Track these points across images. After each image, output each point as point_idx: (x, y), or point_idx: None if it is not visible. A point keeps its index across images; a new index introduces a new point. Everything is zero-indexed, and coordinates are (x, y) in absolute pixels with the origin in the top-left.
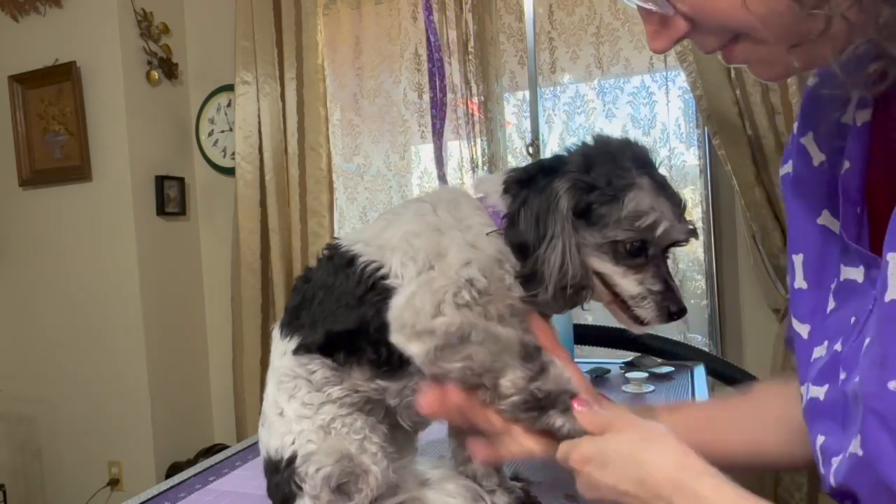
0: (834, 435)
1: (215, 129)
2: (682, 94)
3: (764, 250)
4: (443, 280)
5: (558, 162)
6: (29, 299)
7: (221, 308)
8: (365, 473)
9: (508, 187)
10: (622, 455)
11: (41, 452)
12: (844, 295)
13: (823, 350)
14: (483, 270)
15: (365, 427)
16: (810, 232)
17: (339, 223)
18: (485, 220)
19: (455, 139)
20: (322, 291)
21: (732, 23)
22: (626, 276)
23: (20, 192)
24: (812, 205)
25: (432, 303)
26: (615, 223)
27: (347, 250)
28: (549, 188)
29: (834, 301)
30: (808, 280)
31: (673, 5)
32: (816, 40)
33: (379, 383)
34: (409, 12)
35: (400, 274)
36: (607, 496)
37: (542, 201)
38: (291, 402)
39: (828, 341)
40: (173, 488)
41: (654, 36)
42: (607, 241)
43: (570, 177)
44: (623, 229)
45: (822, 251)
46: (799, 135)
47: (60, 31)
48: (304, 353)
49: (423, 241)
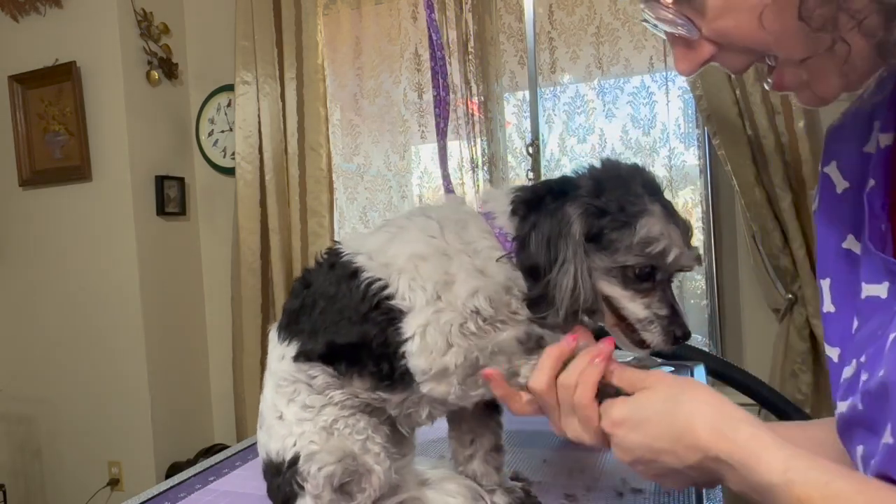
0: (869, 440)
1: (215, 129)
2: (682, 94)
3: (764, 250)
4: (449, 313)
5: (566, 184)
6: (29, 299)
7: (221, 308)
8: (368, 473)
9: (516, 208)
10: (656, 412)
11: (41, 452)
12: (867, 313)
13: (851, 370)
14: (490, 299)
15: (368, 427)
16: (836, 256)
17: (339, 223)
18: (493, 243)
19: (455, 139)
20: (323, 300)
21: (753, 43)
22: (633, 300)
23: (20, 192)
24: (837, 230)
25: (442, 339)
26: (626, 248)
27: (350, 261)
28: (560, 212)
29: (857, 321)
30: (836, 303)
31: (698, 29)
32: (825, 55)
33: (380, 395)
34: (409, 12)
35: (408, 297)
36: (644, 456)
37: (553, 225)
38: (291, 406)
39: (855, 360)
40: (173, 488)
41: (681, 59)
42: (617, 265)
43: (582, 202)
44: (634, 255)
45: (847, 273)
46: (823, 166)
47: (60, 31)
48: (305, 360)
49: (431, 268)
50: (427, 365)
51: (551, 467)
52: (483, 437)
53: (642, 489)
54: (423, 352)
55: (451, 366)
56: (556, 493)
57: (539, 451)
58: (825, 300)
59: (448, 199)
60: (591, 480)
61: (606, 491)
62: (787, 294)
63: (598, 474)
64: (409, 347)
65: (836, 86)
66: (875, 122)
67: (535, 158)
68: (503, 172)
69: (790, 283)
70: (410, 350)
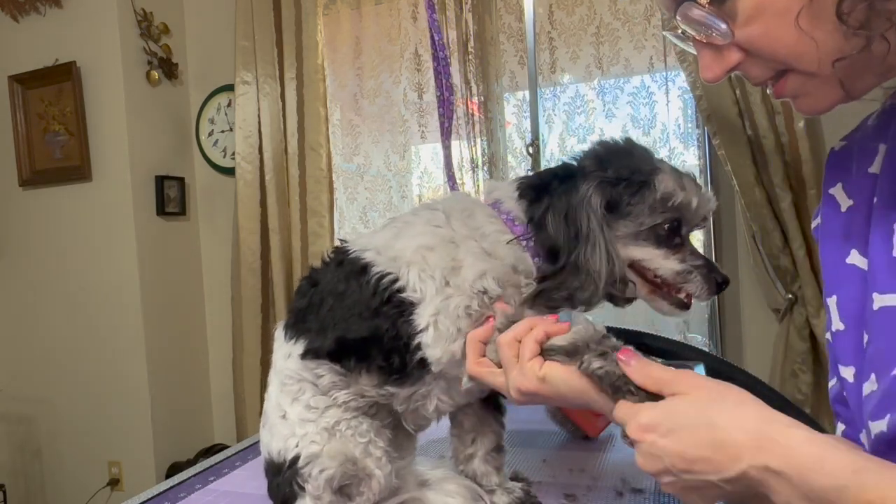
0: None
1: (215, 129)
2: (682, 94)
3: (764, 250)
4: (457, 298)
5: (569, 167)
6: (29, 299)
7: (221, 308)
8: (368, 477)
9: (524, 193)
10: (691, 418)
11: (41, 452)
12: (881, 325)
13: (874, 384)
14: (498, 280)
15: (370, 430)
16: (841, 273)
17: (339, 223)
18: (500, 227)
19: (455, 139)
20: (332, 298)
21: (784, 48)
22: (668, 257)
23: (20, 192)
24: (841, 247)
25: (453, 326)
26: (650, 209)
27: (358, 257)
28: (574, 190)
29: (867, 335)
30: (845, 321)
31: (732, 32)
32: (859, 57)
33: (388, 389)
34: (409, 12)
35: (419, 288)
36: (675, 466)
37: (570, 203)
38: (295, 405)
39: (874, 374)
40: (173, 488)
41: (708, 66)
42: (645, 227)
43: (595, 176)
44: (660, 213)
45: (854, 289)
46: (827, 188)
47: (60, 31)
48: (313, 357)
49: (438, 257)
50: (440, 354)
51: (551, 467)
52: (484, 436)
53: (642, 489)
54: (438, 341)
55: (458, 353)
56: (556, 493)
57: (539, 451)
58: (833, 319)
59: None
60: (591, 480)
61: (606, 491)
62: (787, 294)
63: (598, 474)
64: (424, 339)
65: (837, 96)
66: (881, 144)
67: (535, 158)
68: (503, 172)
69: (790, 283)
70: (426, 341)
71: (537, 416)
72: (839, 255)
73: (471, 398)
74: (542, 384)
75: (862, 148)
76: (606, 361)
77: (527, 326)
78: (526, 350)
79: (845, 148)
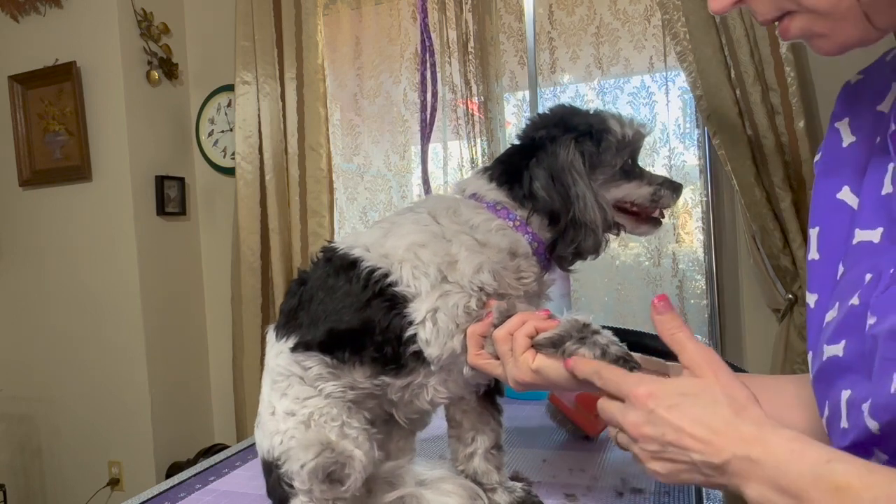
0: (860, 384)
1: (215, 129)
2: (682, 94)
3: (764, 250)
4: (456, 295)
5: (530, 140)
6: (29, 299)
7: (221, 308)
8: (350, 459)
9: (499, 180)
10: (701, 401)
11: (41, 452)
12: (856, 258)
13: (835, 311)
14: (494, 273)
15: (342, 413)
16: (828, 206)
17: (339, 223)
18: (488, 216)
19: (455, 139)
20: (322, 292)
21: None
22: (640, 186)
23: (20, 192)
24: (834, 181)
25: (452, 323)
26: (616, 151)
27: (346, 254)
28: (552, 158)
29: (843, 266)
30: (821, 252)
31: None
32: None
33: (383, 379)
34: (409, 12)
35: (413, 284)
36: (664, 436)
37: (555, 169)
38: (283, 401)
39: (838, 302)
40: (173, 488)
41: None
42: (617, 168)
43: (566, 139)
44: (621, 152)
45: (838, 223)
46: (834, 121)
47: (60, 31)
48: (303, 350)
49: (431, 252)
50: (440, 352)
51: (551, 467)
52: (483, 435)
53: (642, 489)
54: (438, 338)
55: (458, 348)
56: (556, 492)
57: (539, 451)
58: (811, 248)
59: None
60: (591, 480)
61: (606, 491)
62: (787, 294)
63: (598, 474)
64: (421, 334)
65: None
66: (894, 83)
67: None
68: None
69: (790, 283)
70: (423, 337)
71: (537, 416)
72: (831, 190)
73: (467, 389)
74: (536, 375)
75: (874, 84)
76: (584, 345)
77: (519, 321)
78: (518, 345)
79: (861, 82)
